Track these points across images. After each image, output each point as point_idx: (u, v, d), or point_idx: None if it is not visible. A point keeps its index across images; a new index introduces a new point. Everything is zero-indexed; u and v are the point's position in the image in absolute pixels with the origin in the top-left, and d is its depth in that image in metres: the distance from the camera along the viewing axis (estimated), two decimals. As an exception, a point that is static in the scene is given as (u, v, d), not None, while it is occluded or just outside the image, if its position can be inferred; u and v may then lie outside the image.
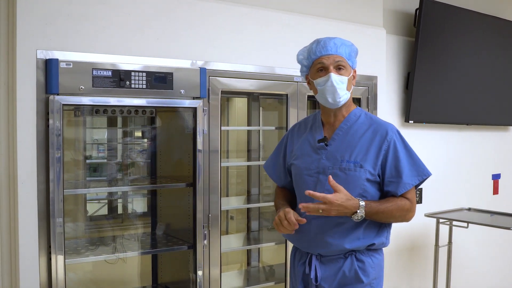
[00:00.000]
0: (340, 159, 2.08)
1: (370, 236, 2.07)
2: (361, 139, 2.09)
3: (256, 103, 3.73)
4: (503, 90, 4.81)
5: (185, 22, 2.83)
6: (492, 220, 4.04)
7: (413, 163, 2.08)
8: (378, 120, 2.16)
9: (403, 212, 2.07)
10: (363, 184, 2.05)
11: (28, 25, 2.38)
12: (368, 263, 2.08)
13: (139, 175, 3.31)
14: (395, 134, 2.09)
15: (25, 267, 2.40)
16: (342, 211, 1.96)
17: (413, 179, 2.07)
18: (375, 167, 2.05)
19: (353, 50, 2.14)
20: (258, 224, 3.79)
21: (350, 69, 2.11)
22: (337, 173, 2.06)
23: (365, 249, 2.08)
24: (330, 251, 2.08)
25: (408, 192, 2.07)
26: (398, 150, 2.06)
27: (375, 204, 2.03)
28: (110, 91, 2.54)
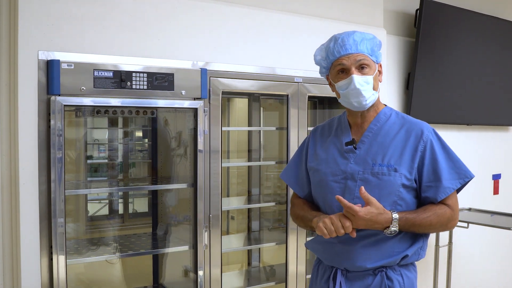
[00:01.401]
0: (372, 162, 1.87)
1: (404, 247, 1.87)
2: (394, 140, 1.89)
3: (257, 103, 3.74)
4: (503, 90, 4.81)
5: (186, 23, 2.84)
6: (492, 220, 4.04)
7: (453, 165, 1.88)
8: (411, 119, 1.94)
9: (444, 221, 1.85)
10: (398, 190, 1.84)
11: (30, 26, 2.39)
12: (398, 282, 1.86)
13: (140, 175, 3.32)
14: (431, 133, 1.89)
15: (26, 267, 2.41)
16: (372, 226, 1.76)
17: (454, 182, 1.86)
18: (412, 171, 1.84)
19: (375, 43, 1.92)
20: (259, 224, 3.80)
21: (374, 66, 1.89)
22: (368, 179, 1.86)
23: (397, 265, 1.87)
24: (357, 266, 1.86)
25: (448, 198, 1.86)
26: (435, 151, 1.86)
27: (411, 215, 1.81)
28: (111, 92, 2.54)
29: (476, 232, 4.37)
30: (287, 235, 3.25)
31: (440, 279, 4.19)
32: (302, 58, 3.26)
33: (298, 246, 3.27)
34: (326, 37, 3.36)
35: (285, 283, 3.28)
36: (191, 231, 2.90)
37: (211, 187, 2.91)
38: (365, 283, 1.86)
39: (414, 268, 1.94)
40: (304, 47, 3.29)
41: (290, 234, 3.25)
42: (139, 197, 3.50)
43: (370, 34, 1.95)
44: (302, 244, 3.28)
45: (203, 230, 2.85)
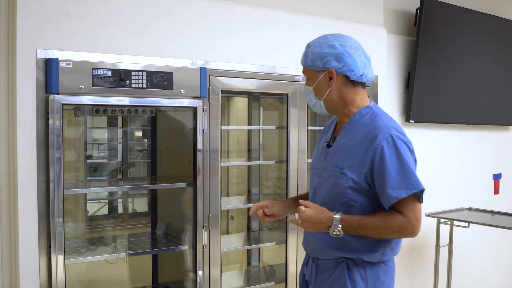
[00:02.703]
0: (332, 163, 1.97)
1: (360, 250, 1.92)
2: (354, 143, 1.93)
3: (257, 102, 3.73)
4: (504, 90, 4.80)
5: (185, 21, 2.83)
6: (493, 220, 4.03)
7: (403, 174, 1.83)
8: (377, 122, 1.93)
9: (394, 228, 1.85)
10: (347, 192, 1.89)
11: (28, 24, 2.38)
12: (359, 274, 1.93)
13: (139, 174, 3.31)
14: (386, 139, 1.86)
15: (25, 267, 2.40)
16: (315, 226, 1.87)
17: (400, 192, 1.82)
18: (360, 175, 1.87)
19: (314, 53, 1.98)
20: (259, 224, 3.79)
21: (316, 75, 1.98)
22: (326, 178, 1.97)
23: (358, 259, 1.94)
24: (323, 255, 2.00)
25: (402, 206, 1.84)
26: (385, 158, 1.83)
27: (356, 218, 1.85)
28: (110, 91, 2.53)
29: (476, 232, 4.36)
30: (287, 235, 3.24)
31: (440, 279, 4.18)
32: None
33: (298, 246, 3.26)
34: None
35: (285, 283, 3.27)
36: (190, 230, 2.89)
37: (211, 187, 2.90)
38: (329, 271, 1.98)
39: (384, 264, 1.98)
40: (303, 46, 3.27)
41: (290, 234, 3.24)
42: (139, 197, 3.49)
43: (316, 40, 2.02)
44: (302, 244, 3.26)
45: (202, 229, 2.83)
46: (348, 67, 1.95)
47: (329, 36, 2.00)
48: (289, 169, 3.23)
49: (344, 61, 1.94)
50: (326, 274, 1.99)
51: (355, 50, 1.97)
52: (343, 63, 1.94)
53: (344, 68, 1.95)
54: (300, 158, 3.25)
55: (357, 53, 1.97)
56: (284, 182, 3.28)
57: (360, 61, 1.97)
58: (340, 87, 1.97)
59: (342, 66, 1.94)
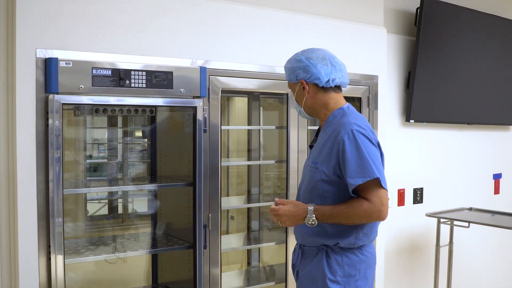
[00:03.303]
0: (311, 159, 2.25)
1: (336, 235, 2.15)
2: (325, 141, 2.19)
3: (257, 102, 3.72)
4: (504, 90, 4.79)
5: (185, 21, 2.82)
6: (493, 220, 4.03)
7: (360, 164, 2.05)
8: (343, 120, 2.18)
9: (361, 213, 2.06)
10: (320, 184, 2.15)
11: (28, 24, 2.37)
12: (336, 260, 2.16)
13: (139, 174, 3.31)
14: (348, 133, 2.10)
15: (24, 267, 2.39)
16: (292, 217, 2.12)
17: (356, 179, 2.04)
18: (329, 168, 2.13)
19: (287, 67, 2.30)
20: (259, 224, 3.79)
21: (294, 87, 2.29)
22: (306, 173, 2.27)
23: (336, 246, 2.17)
24: (307, 242, 2.25)
25: (366, 192, 2.05)
26: (346, 150, 2.08)
27: (327, 208, 2.09)
28: (110, 90, 2.53)
29: (477, 232, 4.36)
30: (286, 235, 3.23)
31: (441, 279, 4.18)
32: (302, 56, 3.25)
33: (298, 246, 3.25)
34: (326, 35, 3.37)
35: (285, 283, 3.27)
36: (190, 230, 2.88)
37: (211, 187, 2.89)
38: (311, 256, 2.23)
39: (360, 252, 2.20)
40: (304, 46, 3.25)
41: (290, 234, 3.23)
42: (138, 197, 3.48)
43: (293, 57, 2.30)
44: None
45: (202, 229, 2.83)
46: (315, 75, 2.21)
47: (298, 52, 2.29)
48: (289, 169, 3.22)
49: (310, 72, 2.22)
50: (308, 259, 2.24)
51: (321, 60, 2.22)
52: (310, 73, 2.22)
53: (311, 77, 2.22)
54: (300, 158, 3.25)
55: (323, 62, 2.22)
56: (284, 182, 3.27)
57: (326, 70, 2.22)
58: (313, 94, 2.25)
59: (310, 76, 2.22)
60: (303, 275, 2.26)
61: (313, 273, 2.20)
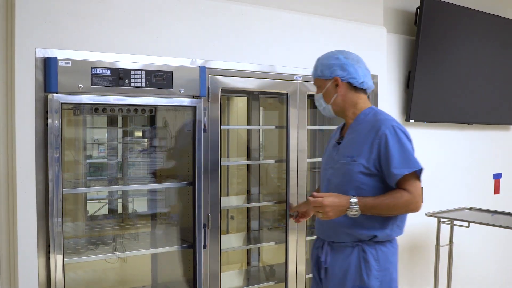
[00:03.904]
0: (343, 155, 2.31)
1: (373, 228, 2.23)
2: (361, 137, 2.28)
3: (256, 102, 3.72)
4: (504, 89, 4.79)
5: (185, 20, 2.82)
6: (493, 220, 4.02)
7: (404, 156, 2.18)
8: (379, 117, 2.30)
9: (402, 204, 2.16)
10: (357, 176, 2.23)
11: (27, 23, 2.37)
12: (372, 255, 2.23)
13: (139, 174, 3.30)
14: (389, 128, 2.21)
15: (24, 267, 2.39)
16: (336, 208, 2.14)
17: (402, 170, 2.16)
18: (369, 161, 2.21)
19: (322, 63, 2.36)
20: (258, 223, 3.78)
21: (324, 83, 2.35)
22: (339, 167, 2.31)
23: (371, 240, 2.24)
24: (339, 239, 2.29)
25: (406, 183, 2.17)
26: (389, 143, 2.19)
27: (369, 198, 2.17)
28: (109, 90, 2.52)
29: (477, 232, 4.35)
30: (286, 235, 3.23)
31: (441, 279, 4.17)
32: (302, 56, 3.25)
33: (298, 246, 3.25)
34: (326, 35, 3.37)
35: (284, 283, 3.27)
36: (190, 230, 2.88)
37: (210, 186, 2.89)
38: (344, 253, 2.28)
39: (391, 245, 2.30)
40: (304, 45, 3.27)
41: (290, 234, 3.23)
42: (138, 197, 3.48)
43: (325, 55, 2.38)
44: (302, 244, 3.26)
45: (202, 229, 2.83)
46: (351, 75, 2.31)
47: (334, 51, 2.37)
48: (289, 169, 3.22)
49: (347, 70, 2.31)
50: (341, 256, 2.29)
51: (356, 62, 2.34)
52: (346, 72, 2.31)
53: (347, 76, 2.31)
54: (300, 157, 3.24)
55: (358, 64, 2.34)
56: (284, 181, 3.27)
57: (361, 71, 2.34)
58: (344, 93, 2.33)
59: (346, 74, 2.31)
60: (336, 272, 2.29)
61: (348, 270, 2.25)
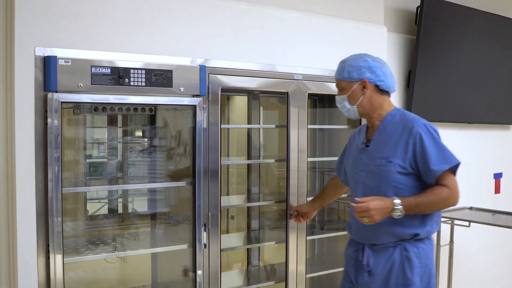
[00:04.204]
0: (375, 156, 2.35)
1: (413, 226, 2.29)
2: (392, 137, 2.33)
3: (257, 101, 3.71)
4: (505, 89, 4.78)
5: (185, 19, 2.81)
6: (494, 219, 4.02)
7: (441, 152, 2.25)
8: (409, 117, 2.36)
9: (442, 199, 2.23)
10: (395, 177, 2.28)
11: (27, 22, 2.36)
12: (414, 253, 2.30)
13: (139, 173, 3.29)
14: (421, 127, 2.28)
15: (23, 267, 2.39)
16: (381, 211, 2.20)
17: (441, 166, 2.22)
18: (405, 160, 2.27)
19: (350, 64, 2.39)
20: (259, 223, 3.77)
21: (350, 85, 2.38)
22: (373, 170, 2.35)
23: (412, 239, 2.31)
24: (380, 241, 2.35)
25: (444, 179, 2.23)
26: (424, 141, 2.25)
27: (412, 198, 2.23)
28: (109, 89, 2.52)
29: (477, 231, 4.34)
30: (287, 234, 3.22)
31: (441, 278, 4.16)
32: (302, 55, 3.24)
33: (298, 245, 3.24)
34: (326, 34, 3.36)
35: (285, 282, 3.26)
36: (190, 230, 2.87)
37: (210, 185, 2.88)
38: (387, 254, 2.34)
39: (429, 242, 2.37)
40: (304, 44, 3.26)
41: (290, 233, 3.22)
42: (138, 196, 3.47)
43: (351, 57, 2.42)
44: (302, 243, 3.25)
45: (202, 228, 2.82)
46: (379, 77, 2.36)
47: (361, 54, 2.43)
48: (290, 168, 3.21)
49: (375, 73, 2.36)
50: (384, 257, 2.34)
51: (383, 65, 2.40)
52: (374, 74, 2.36)
53: (375, 78, 2.36)
54: (300, 157, 3.24)
55: (385, 67, 2.40)
56: (284, 181, 3.26)
57: (388, 74, 2.40)
58: (371, 95, 2.38)
59: (374, 77, 2.36)
60: (379, 273, 2.34)
61: (392, 269, 2.31)
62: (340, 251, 3.94)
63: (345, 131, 3.81)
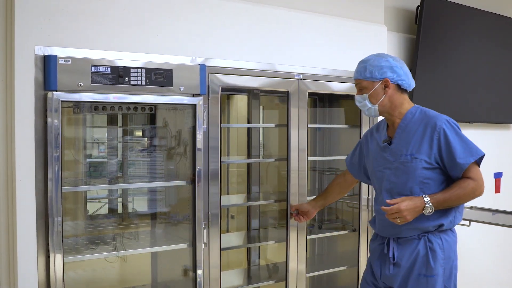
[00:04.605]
0: (399, 154, 2.42)
1: (438, 217, 2.35)
2: (415, 134, 2.40)
3: (257, 101, 3.71)
4: (505, 88, 4.78)
5: (185, 18, 2.81)
6: (494, 219, 4.01)
7: (465, 146, 2.32)
8: (430, 114, 2.43)
9: (469, 191, 2.31)
10: (421, 172, 2.35)
11: (27, 21, 2.36)
12: (438, 244, 2.38)
13: (139, 173, 3.29)
14: (444, 123, 2.35)
15: (23, 266, 2.39)
16: (413, 210, 2.27)
17: (467, 159, 2.30)
18: (431, 156, 2.34)
19: (371, 64, 2.44)
20: (259, 222, 3.77)
21: (372, 85, 2.44)
22: (398, 167, 2.42)
23: (436, 230, 2.39)
24: (405, 234, 2.41)
25: (470, 171, 2.31)
26: (448, 137, 2.32)
27: (440, 194, 2.31)
28: (109, 88, 2.52)
29: (477, 231, 4.34)
30: (287, 233, 3.22)
31: (441, 278, 4.16)
32: (302, 54, 3.24)
33: (299, 244, 3.24)
34: (326, 33, 3.36)
35: (285, 282, 3.26)
36: (190, 229, 2.87)
37: (210, 185, 2.88)
38: (412, 246, 2.41)
39: (452, 234, 2.45)
40: (304, 44, 3.26)
41: (291, 232, 3.22)
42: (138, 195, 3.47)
43: (372, 56, 2.48)
44: (302, 242, 3.25)
45: (202, 227, 2.82)
46: (400, 77, 2.44)
47: (381, 53, 2.51)
48: (290, 168, 3.21)
49: (397, 72, 2.43)
50: (408, 249, 2.41)
51: (403, 64, 2.48)
52: (396, 74, 2.43)
53: (396, 78, 2.44)
54: (300, 156, 3.23)
55: (404, 66, 2.48)
56: (285, 180, 3.26)
57: (408, 73, 2.48)
58: (392, 94, 2.45)
59: (396, 76, 2.43)
60: (404, 265, 2.41)
61: (417, 260, 2.38)
62: (340, 251, 3.95)
63: (345, 131, 3.81)
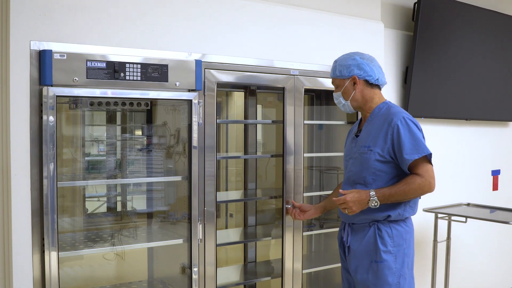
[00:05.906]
0: (360, 145, 2.58)
1: (386, 208, 2.49)
2: (375, 128, 2.55)
3: (253, 98, 3.70)
4: (502, 85, 4.78)
5: (181, 13, 2.80)
6: (491, 216, 4.01)
7: (414, 143, 2.44)
8: (392, 110, 2.56)
9: (415, 187, 2.43)
10: (374, 163, 2.50)
11: (22, 16, 2.35)
12: (387, 232, 2.52)
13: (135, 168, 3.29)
14: (400, 119, 2.48)
15: (18, 262, 2.38)
16: (358, 202, 2.46)
17: (412, 155, 2.42)
18: (384, 149, 2.49)
19: (340, 64, 2.63)
20: (255, 219, 3.77)
21: (343, 82, 2.63)
22: (357, 157, 2.59)
23: (385, 220, 2.52)
24: (357, 220, 2.57)
25: (418, 168, 2.43)
26: (400, 133, 2.45)
27: (385, 189, 2.46)
28: (104, 83, 2.51)
29: (474, 227, 4.34)
30: (283, 231, 3.22)
31: (438, 274, 4.16)
32: (298, 50, 3.24)
33: (295, 241, 3.24)
34: (323, 29, 3.36)
35: (281, 278, 3.25)
36: (186, 225, 2.87)
37: (206, 180, 2.87)
38: (363, 232, 2.57)
39: (405, 224, 2.58)
40: (300, 40, 3.26)
41: (287, 230, 3.22)
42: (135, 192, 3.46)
43: (342, 57, 2.66)
44: (298, 239, 3.25)
45: (197, 223, 2.81)
46: (367, 73, 2.59)
47: (350, 53, 2.66)
48: (286, 164, 3.20)
49: (363, 69, 2.59)
50: (360, 235, 2.58)
51: (371, 61, 2.62)
52: (363, 70, 2.59)
53: (364, 74, 2.59)
54: (296, 152, 3.23)
55: (373, 63, 2.62)
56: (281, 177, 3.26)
57: (376, 69, 2.62)
58: (362, 89, 2.61)
59: (363, 73, 2.59)
60: (357, 249, 2.58)
61: (367, 246, 2.54)
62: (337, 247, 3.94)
63: (342, 127, 3.81)
